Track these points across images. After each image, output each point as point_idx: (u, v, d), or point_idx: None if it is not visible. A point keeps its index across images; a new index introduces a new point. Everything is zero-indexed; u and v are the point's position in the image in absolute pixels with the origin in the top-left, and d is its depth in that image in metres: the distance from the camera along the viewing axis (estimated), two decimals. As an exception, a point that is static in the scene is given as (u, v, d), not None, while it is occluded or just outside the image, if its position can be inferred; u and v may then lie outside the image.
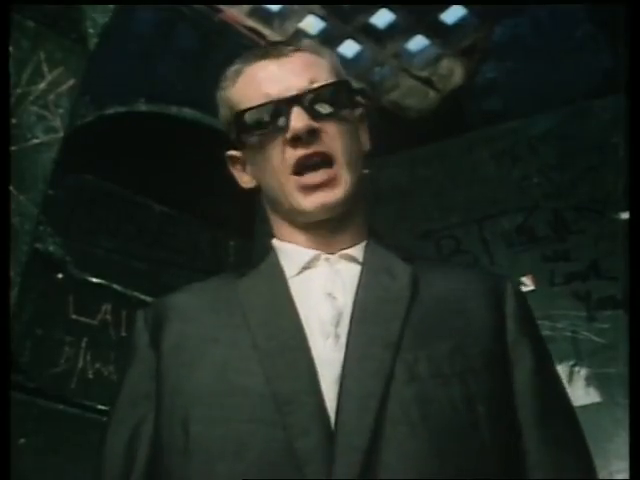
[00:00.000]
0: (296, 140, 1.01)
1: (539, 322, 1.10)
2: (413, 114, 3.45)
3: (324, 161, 1.03)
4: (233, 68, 1.11)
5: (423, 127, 3.33)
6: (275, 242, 1.09)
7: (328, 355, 0.94)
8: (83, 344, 2.56)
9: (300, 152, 1.01)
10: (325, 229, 1.05)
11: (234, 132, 1.09)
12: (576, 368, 2.35)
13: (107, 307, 2.68)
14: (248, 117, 1.05)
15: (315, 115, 1.02)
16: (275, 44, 1.22)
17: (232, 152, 1.12)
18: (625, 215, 2.47)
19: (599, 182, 2.61)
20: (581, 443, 0.99)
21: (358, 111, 1.13)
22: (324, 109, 1.03)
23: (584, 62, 3.01)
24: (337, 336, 0.95)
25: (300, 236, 1.06)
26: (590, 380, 2.33)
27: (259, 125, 1.04)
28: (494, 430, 0.91)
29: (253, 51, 1.12)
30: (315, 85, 1.04)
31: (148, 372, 1.01)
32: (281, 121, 1.02)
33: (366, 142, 1.13)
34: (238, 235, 3.12)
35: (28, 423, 2.29)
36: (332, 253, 1.05)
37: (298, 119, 1.00)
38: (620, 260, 2.35)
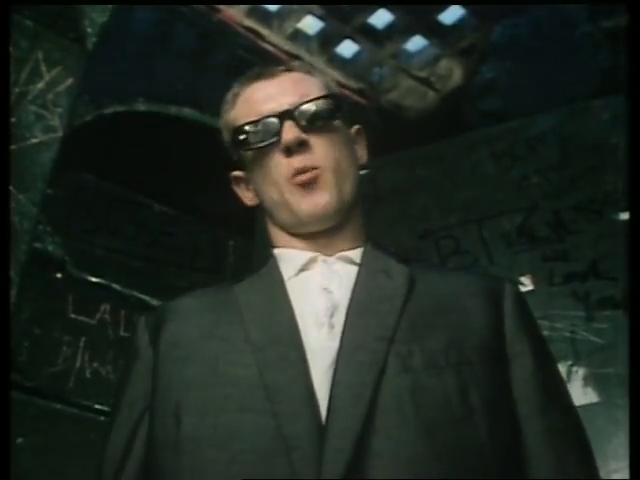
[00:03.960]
0: (289, 151, 1.07)
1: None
2: (412, 114, 3.45)
3: (313, 168, 1.08)
4: (231, 92, 1.18)
5: (422, 127, 3.33)
6: (274, 250, 1.13)
7: (321, 343, 0.96)
8: (81, 344, 2.56)
9: (295, 162, 1.07)
10: (323, 235, 1.09)
11: (234, 149, 1.15)
12: (574, 368, 2.35)
13: (106, 307, 2.69)
14: (244, 132, 1.11)
15: (306, 128, 1.08)
16: (268, 66, 1.31)
17: (236, 173, 1.18)
18: (625, 215, 2.47)
19: (598, 182, 2.60)
20: (581, 435, 1.00)
21: (354, 128, 1.19)
22: (314, 122, 1.09)
23: (584, 62, 3.00)
24: (331, 326, 0.98)
25: (298, 242, 1.10)
26: (588, 380, 2.33)
27: (254, 139, 1.10)
28: (489, 422, 0.91)
29: (248, 74, 1.18)
30: (305, 99, 1.09)
31: (147, 372, 1.04)
32: (274, 135, 1.08)
33: (363, 156, 1.18)
34: (238, 235, 3.13)
35: (26, 422, 2.29)
36: (330, 255, 1.09)
37: (289, 132, 1.06)
38: (619, 260, 2.35)
